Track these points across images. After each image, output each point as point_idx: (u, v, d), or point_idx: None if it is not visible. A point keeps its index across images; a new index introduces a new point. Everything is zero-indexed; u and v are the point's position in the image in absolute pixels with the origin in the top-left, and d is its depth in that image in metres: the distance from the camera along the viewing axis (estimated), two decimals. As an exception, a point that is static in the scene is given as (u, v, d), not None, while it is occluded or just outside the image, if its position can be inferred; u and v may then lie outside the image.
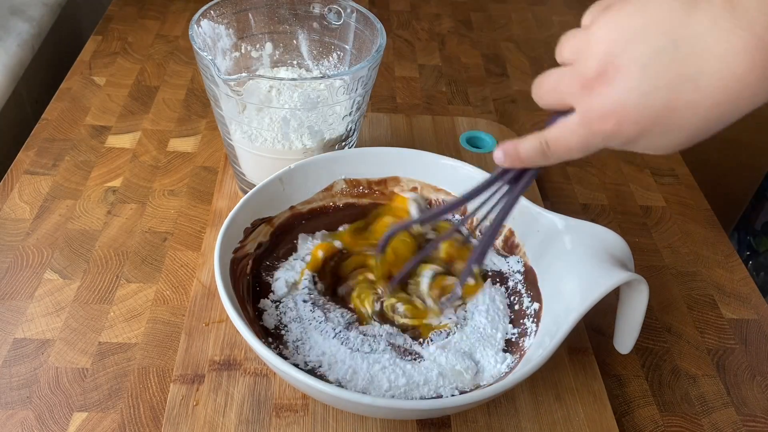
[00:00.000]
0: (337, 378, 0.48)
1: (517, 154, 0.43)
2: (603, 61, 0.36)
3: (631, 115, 0.36)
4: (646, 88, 0.36)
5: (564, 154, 0.41)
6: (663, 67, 0.35)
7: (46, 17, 0.92)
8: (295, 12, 0.66)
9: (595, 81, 0.37)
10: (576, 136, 0.40)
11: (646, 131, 0.37)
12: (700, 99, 0.35)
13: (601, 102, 0.37)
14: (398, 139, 0.76)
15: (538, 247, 0.55)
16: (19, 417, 0.49)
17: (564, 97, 0.39)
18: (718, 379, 0.57)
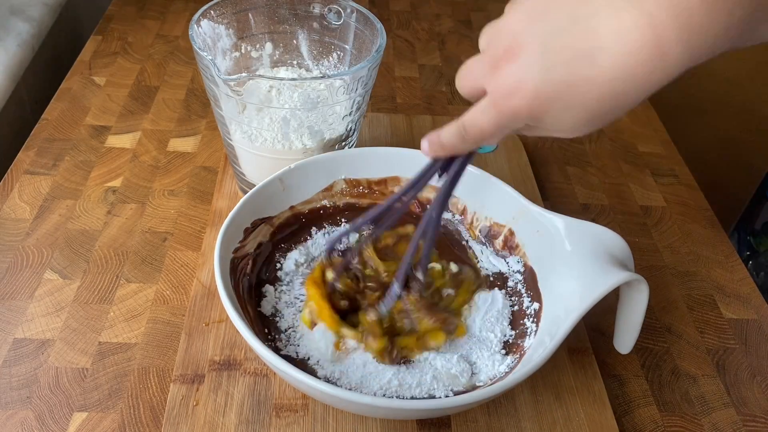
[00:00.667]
0: (326, 375, 0.48)
1: (440, 141, 0.44)
2: (509, 41, 0.38)
3: (532, 90, 0.37)
4: (546, 64, 0.36)
5: (479, 137, 0.42)
6: (561, 44, 0.36)
7: (46, 17, 0.92)
8: (295, 12, 0.66)
9: (501, 59, 0.38)
10: (486, 117, 0.40)
11: (549, 107, 0.37)
12: (596, 74, 0.35)
13: (505, 79, 0.38)
14: (398, 139, 0.76)
15: (538, 247, 0.55)
16: (19, 417, 0.49)
17: (478, 80, 0.40)
18: (718, 379, 0.57)
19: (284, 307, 0.54)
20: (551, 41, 0.36)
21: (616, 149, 0.81)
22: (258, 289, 0.54)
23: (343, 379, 0.48)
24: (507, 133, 0.41)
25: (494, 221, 0.58)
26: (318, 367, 0.49)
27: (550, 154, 0.79)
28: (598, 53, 0.35)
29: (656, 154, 0.81)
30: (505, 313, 0.54)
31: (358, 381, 0.48)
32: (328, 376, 0.48)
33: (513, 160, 0.74)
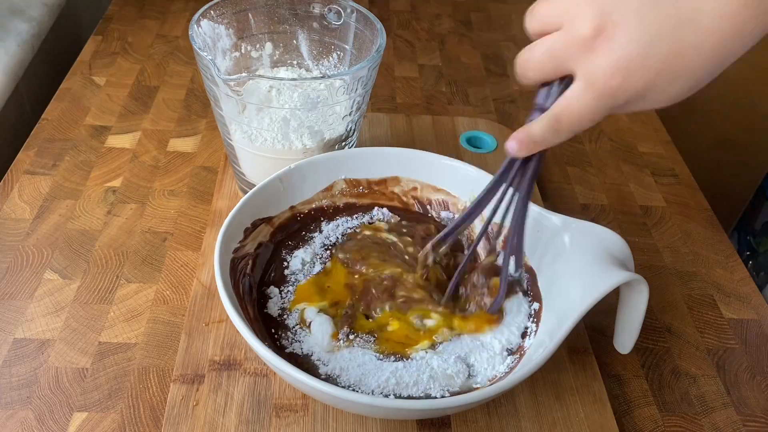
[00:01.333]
0: (327, 372, 0.49)
1: (530, 138, 0.42)
2: (598, 19, 0.36)
3: (637, 67, 0.35)
4: (648, 38, 0.35)
5: (576, 125, 0.40)
6: (661, 14, 0.35)
7: (46, 17, 0.92)
8: (295, 12, 0.66)
9: (595, 40, 0.36)
10: (584, 102, 0.38)
11: (655, 82, 0.36)
12: (703, 39, 0.34)
13: (605, 60, 0.36)
14: (398, 139, 0.76)
15: (538, 247, 0.55)
16: (19, 417, 0.49)
17: (562, 63, 0.38)
18: (718, 379, 0.57)
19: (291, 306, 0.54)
20: (649, 12, 0.35)
21: (616, 149, 0.81)
22: (262, 290, 0.54)
23: (343, 376, 0.48)
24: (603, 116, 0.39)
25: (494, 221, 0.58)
26: (319, 363, 0.49)
27: (550, 154, 0.79)
28: (701, 17, 0.34)
29: (656, 154, 0.81)
30: (520, 320, 0.53)
31: (357, 379, 0.48)
32: (329, 373, 0.49)
33: (513, 160, 0.74)
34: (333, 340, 0.50)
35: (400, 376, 0.48)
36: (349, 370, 0.49)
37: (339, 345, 0.50)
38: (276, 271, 0.56)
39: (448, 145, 0.76)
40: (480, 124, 0.79)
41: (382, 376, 0.48)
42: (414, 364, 0.49)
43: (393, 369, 0.48)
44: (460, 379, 0.49)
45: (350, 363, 0.49)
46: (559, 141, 0.42)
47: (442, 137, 0.77)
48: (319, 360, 0.50)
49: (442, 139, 0.77)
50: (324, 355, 0.50)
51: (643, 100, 0.37)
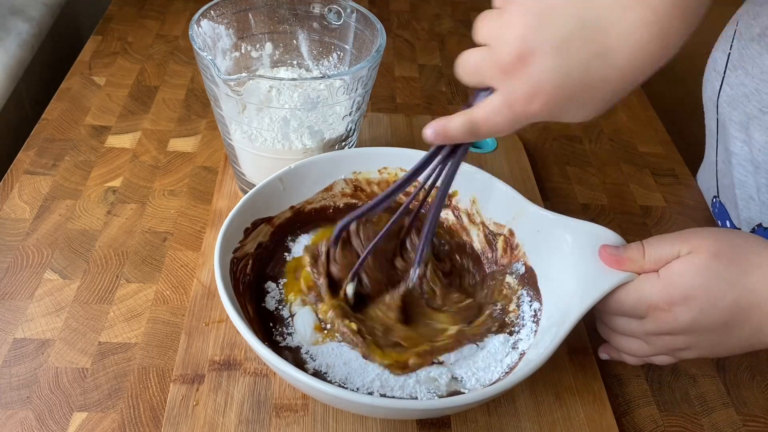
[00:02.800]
0: (315, 367, 0.49)
1: (446, 132, 0.45)
2: (518, 47, 0.39)
3: (550, 94, 0.39)
4: (561, 69, 0.38)
5: (491, 132, 0.44)
6: (574, 48, 0.38)
7: (46, 17, 0.92)
8: (295, 12, 0.66)
9: (513, 66, 0.39)
10: (502, 117, 0.42)
11: (566, 106, 0.40)
12: (610, 73, 0.38)
13: (521, 85, 0.39)
14: (398, 139, 0.76)
15: (538, 247, 0.55)
16: (19, 417, 0.49)
17: (485, 80, 0.42)
18: (718, 379, 0.57)
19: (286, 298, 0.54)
20: (564, 46, 0.38)
21: (616, 149, 0.81)
22: (261, 286, 0.54)
23: (329, 373, 0.49)
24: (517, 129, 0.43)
25: (494, 221, 0.58)
26: (307, 357, 0.50)
27: (550, 154, 0.79)
28: (610, 53, 0.38)
29: (656, 154, 0.81)
30: (500, 361, 0.51)
31: (344, 377, 0.48)
32: (317, 368, 0.49)
33: (513, 160, 0.74)
34: (316, 332, 0.51)
35: (385, 380, 0.48)
36: (335, 367, 0.49)
37: (322, 338, 0.51)
38: (275, 268, 0.56)
39: (448, 145, 0.75)
40: (480, 124, 0.78)
41: (368, 377, 0.48)
42: None
43: (378, 372, 0.48)
44: (444, 380, 0.49)
45: (336, 360, 0.49)
46: (473, 140, 0.46)
47: (442, 137, 0.77)
48: (307, 353, 0.50)
49: (442, 139, 0.76)
50: (312, 348, 0.50)
51: (557, 119, 0.42)
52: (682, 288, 0.45)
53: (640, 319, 0.48)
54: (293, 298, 0.53)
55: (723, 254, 0.45)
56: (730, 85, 0.61)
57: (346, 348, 0.50)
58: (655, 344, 0.48)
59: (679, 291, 0.45)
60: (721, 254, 0.45)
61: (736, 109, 0.61)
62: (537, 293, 0.53)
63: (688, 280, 0.45)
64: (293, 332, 0.52)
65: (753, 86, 0.58)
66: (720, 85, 0.63)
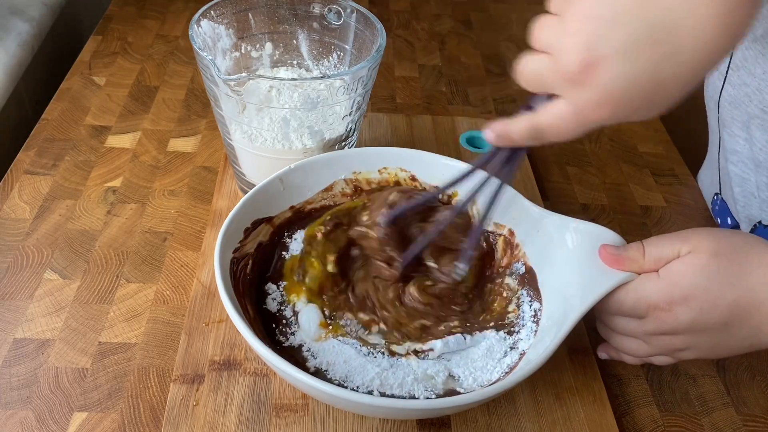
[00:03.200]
0: (316, 365, 0.49)
1: (508, 135, 0.44)
2: (584, 55, 0.38)
3: (622, 100, 0.38)
4: (630, 74, 0.37)
5: (555, 138, 0.43)
6: (642, 51, 0.37)
7: (46, 17, 0.92)
8: (295, 12, 0.66)
9: (581, 75, 0.38)
10: (569, 123, 0.41)
11: (637, 110, 0.39)
12: (682, 71, 0.37)
13: (590, 94, 0.39)
14: (398, 139, 0.76)
15: (538, 247, 0.55)
16: (19, 417, 0.49)
17: (549, 87, 0.41)
18: (718, 379, 0.57)
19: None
20: (632, 51, 0.37)
21: (616, 149, 0.81)
22: (262, 288, 0.54)
23: (330, 371, 0.49)
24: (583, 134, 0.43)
25: (494, 221, 0.58)
26: (309, 355, 0.50)
27: (550, 154, 0.79)
28: (681, 52, 0.37)
29: (656, 154, 0.81)
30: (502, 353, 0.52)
31: (344, 375, 0.49)
32: (318, 366, 0.49)
33: (513, 160, 0.74)
34: (321, 329, 0.51)
35: (384, 378, 0.48)
36: (335, 365, 0.49)
37: (325, 334, 0.51)
38: (275, 269, 0.56)
39: (448, 145, 0.76)
40: (480, 124, 0.79)
41: (367, 376, 0.48)
42: (399, 366, 0.49)
43: (378, 371, 0.49)
44: (441, 378, 0.49)
45: (337, 358, 0.49)
46: (533, 145, 0.45)
47: (442, 137, 0.77)
48: (308, 351, 0.50)
49: (442, 139, 0.77)
50: (313, 345, 0.50)
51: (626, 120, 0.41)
52: (682, 287, 0.45)
53: (639, 319, 0.48)
54: (296, 298, 0.53)
55: (723, 254, 0.45)
56: (732, 85, 0.61)
57: (347, 346, 0.50)
58: (655, 344, 0.48)
59: (679, 290, 0.45)
60: (721, 254, 0.45)
61: (737, 109, 0.61)
62: (537, 293, 0.53)
63: (688, 279, 0.45)
64: (296, 330, 0.52)
65: (755, 86, 0.58)
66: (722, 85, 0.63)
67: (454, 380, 0.49)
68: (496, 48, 0.97)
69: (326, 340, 0.51)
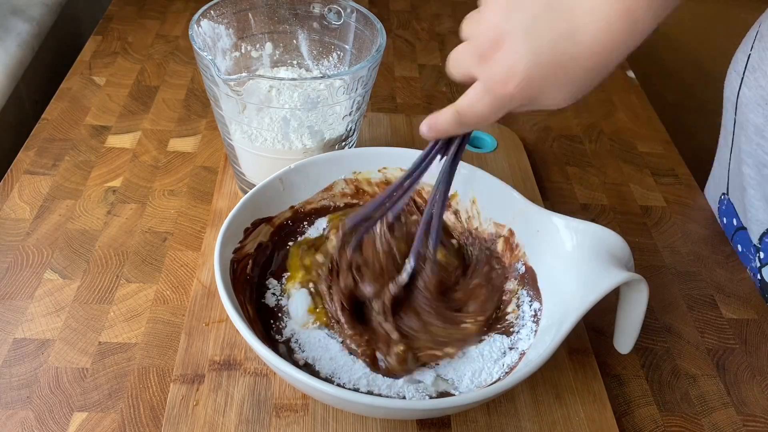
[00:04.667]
0: (305, 358, 0.50)
1: (437, 125, 0.47)
2: (492, 34, 0.41)
3: (524, 74, 0.40)
4: (532, 50, 0.40)
5: (477, 120, 0.44)
6: (542, 29, 0.39)
7: (46, 17, 0.92)
8: (295, 12, 0.66)
9: (489, 50, 0.41)
10: (483, 103, 0.43)
11: (542, 87, 0.41)
12: (579, 51, 0.39)
13: (497, 68, 0.41)
14: (398, 139, 0.76)
15: (538, 247, 0.55)
16: (19, 417, 0.49)
17: (468, 69, 0.43)
18: (718, 379, 0.57)
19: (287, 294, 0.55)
20: (533, 28, 0.39)
21: (616, 149, 0.81)
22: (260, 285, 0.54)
23: (316, 365, 0.49)
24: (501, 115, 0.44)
25: (494, 221, 0.58)
26: (296, 347, 0.50)
27: (550, 154, 0.79)
28: (576, 33, 0.39)
29: (656, 154, 0.81)
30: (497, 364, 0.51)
31: (331, 371, 0.49)
32: (308, 360, 0.50)
33: (513, 160, 0.74)
34: (309, 314, 0.52)
35: (372, 378, 0.48)
36: (321, 361, 0.49)
37: (313, 320, 0.51)
38: (277, 265, 0.56)
39: (448, 145, 0.75)
40: (480, 124, 0.78)
41: (354, 375, 0.49)
42: None
43: (366, 371, 0.49)
44: (429, 380, 0.49)
45: (323, 354, 0.50)
46: (464, 131, 0.47)
47: (442, 137, 0.77)
48: (296, 343, 0.51)
49: (442, 139, 0.76)
50: (301, 336, 0.51)
51: (535, 103, 0.42)
52: None
53: None
54: (291, 285, 0.54)
55: None
56: (749, 87, 0.61)
57: (333, 341, 0.51)
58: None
59: None
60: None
61: (753, 111, 0.61)
62: (537, 293, 0.53)
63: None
64: (287, 321, 0.52)
65: None
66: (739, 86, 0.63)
67: (445, 382, 0.49)
68: (496, 48, 0.96)
69: (312, 328, 0.51)
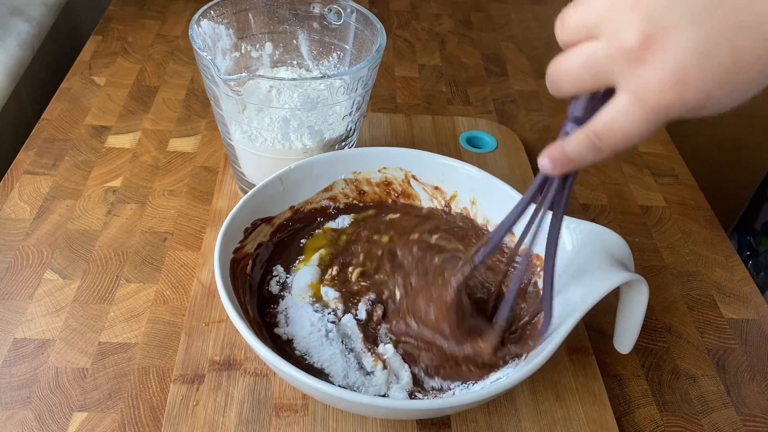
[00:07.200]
0: (300, 350, 0.50)
1: (565, 155, 0.39)
2: (646, 27, 0.32)
3: (695, 79, 0.32)
4: (706, 46, 0.31)
5: (621, 143, 0.36)
6: (719, 19, 0.31)
7: (46, 17, 0.92)
8: (295, 12, 0.66)
9: (643, 51, 0.32)
10: (632, 119, 0.34)
11: (712, 94, 0.33)
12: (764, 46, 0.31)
13: (657, 72, 0.32)
14: (398, 139, 0.76)
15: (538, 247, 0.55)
16: (19, 417, 0.49)
17: (604, 76, 0.35)
18: (718, 379, 0.57)
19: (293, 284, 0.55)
20: (705, 18, 0.31)
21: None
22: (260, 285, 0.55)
23: (307, 357, 0.50)
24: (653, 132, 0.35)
25: (494, 221, 0.58)
26: (282, 322, 0.52)
27: (550, 154, 0.79)
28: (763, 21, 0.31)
29: (656, 154, 0.81)
30: None
31: (305, 349, 0.50)
32: (303, 352, 0.50)
33: (513, 160, 0.74)
34: (308, 289, 0.53)
35: (357, 377, 0.49)
36: (317, 352, 0.50)
37: (310, 295, 0.53)
38: (290, 252, 0.57)
39: (448, 145, 0.76)
40: (480, 124, 0.79)
41: (342, 371, 0.49)
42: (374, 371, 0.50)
43: (343, 352, 0.50)
44: (406, 375, 0.49)
45: (318, 347, 0.50)
46: (599, 160, 0.38)
47: (442, 137, 0.77)
48: (286, 329, 0.51)
49: (442, 139, 0.77)
50: (292, 311, 0.52)
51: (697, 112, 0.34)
52: None
53: None
54: (302, 265, 0.55)
55: None
56: None
57: (319, 320, 0.52)
58: None
59: None
60: None
61: None
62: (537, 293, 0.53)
63: None
64: (285, 297, 0.53)
65: None
66: None
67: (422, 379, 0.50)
68: (496, 48, 0.97)
69: (305, 302, 0.52)
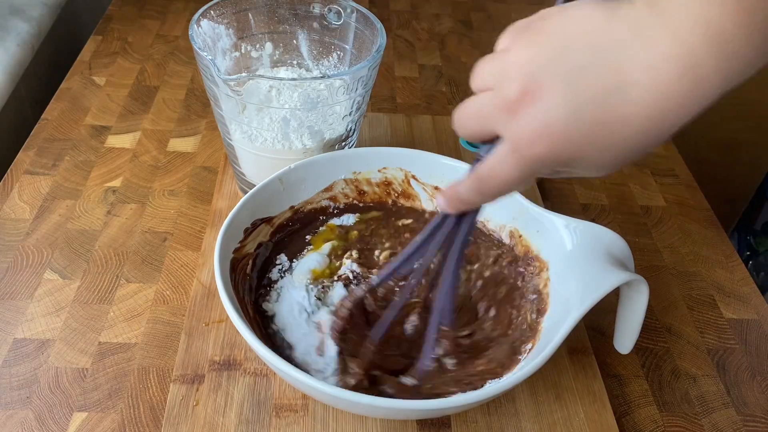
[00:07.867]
0: (278, 326, 0.51)
1: (458, 198, 0.41)
2: (525, 81, 0.34)
3: (561, 134, 0.34)
4: (572, 104, 0.33)
5: (499, 188, 0.38)
6: (588, 81, 0.33)
7: (46, 17, 0.92)
8: (295, 12, 0.66)
9: (519, 102, 0.34)
10: (508, 166, 0.36)
11: (581, 151, 0.34)
12: (631, 111, 0.33)
13: (528, 124, 0.34)
14: (398, 139, 0.76)
15: (538, 247, 0.55)
16: (19, 417, 0.49)
17: (488, 124, 0.37)
18: (718, 379, 0.57)
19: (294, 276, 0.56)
20: (576, 78, 0.33)
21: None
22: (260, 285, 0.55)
23: (282, 333, 0.51)
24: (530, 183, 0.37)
25: (494, 221, 0.58)
26: (283, 331, 0.52)
27: (550, 154, 0.79)
28: (631, 88, 0.32)
29: (656, 154, 0.81)
30: None
31: (302, 355, 0.50)
32: (280, 327, 0.51)
33: (513, 160, 0.74)
34: (309, 273, 0.54)
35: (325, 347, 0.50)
36: (287, 331, 0.51)
37: (310, 279, 0.53)
38: (295, 244, 0.58)
39: (448, 145, 0.76)
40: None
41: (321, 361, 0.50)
42: None
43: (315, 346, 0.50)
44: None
45: (303, 336, 0.51)
46: (486, 202, 0.41)
47: (442, 137, 0.77)
48: (273, 315, 0.52)
49: (442, 139, 0.77)
50: (284, 290, 0.53)
51: (573, 169, 0.36)
52: None
53: None
54: (314, 249, 0.56)
55: None
56: None
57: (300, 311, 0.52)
58: None
59: None
60: None
61: None
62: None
63: None
64: (275, 298, 0.53)
65: None
66: None
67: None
68: (496, 48, 0.96)
69: (301, 284, 0.53)
